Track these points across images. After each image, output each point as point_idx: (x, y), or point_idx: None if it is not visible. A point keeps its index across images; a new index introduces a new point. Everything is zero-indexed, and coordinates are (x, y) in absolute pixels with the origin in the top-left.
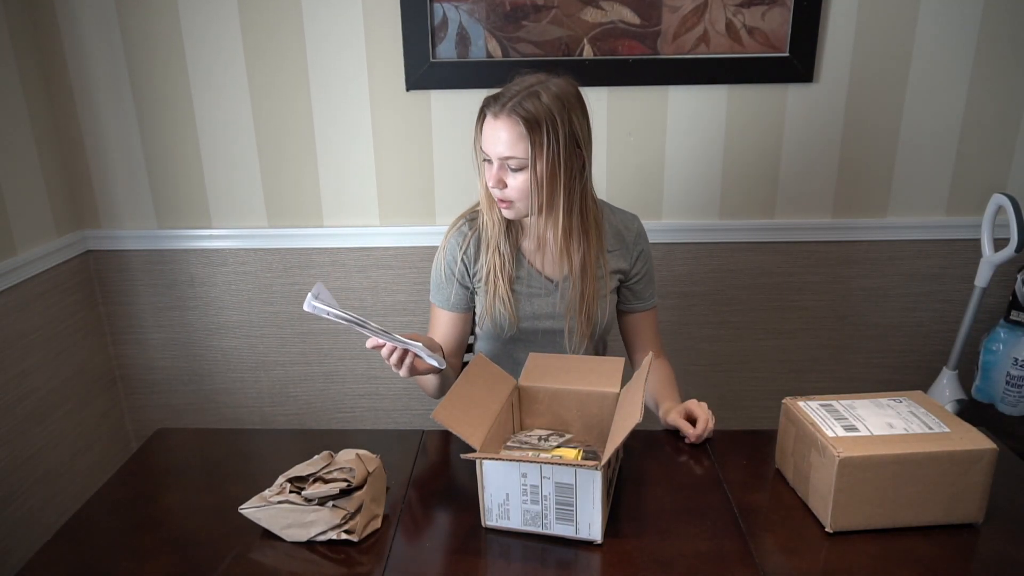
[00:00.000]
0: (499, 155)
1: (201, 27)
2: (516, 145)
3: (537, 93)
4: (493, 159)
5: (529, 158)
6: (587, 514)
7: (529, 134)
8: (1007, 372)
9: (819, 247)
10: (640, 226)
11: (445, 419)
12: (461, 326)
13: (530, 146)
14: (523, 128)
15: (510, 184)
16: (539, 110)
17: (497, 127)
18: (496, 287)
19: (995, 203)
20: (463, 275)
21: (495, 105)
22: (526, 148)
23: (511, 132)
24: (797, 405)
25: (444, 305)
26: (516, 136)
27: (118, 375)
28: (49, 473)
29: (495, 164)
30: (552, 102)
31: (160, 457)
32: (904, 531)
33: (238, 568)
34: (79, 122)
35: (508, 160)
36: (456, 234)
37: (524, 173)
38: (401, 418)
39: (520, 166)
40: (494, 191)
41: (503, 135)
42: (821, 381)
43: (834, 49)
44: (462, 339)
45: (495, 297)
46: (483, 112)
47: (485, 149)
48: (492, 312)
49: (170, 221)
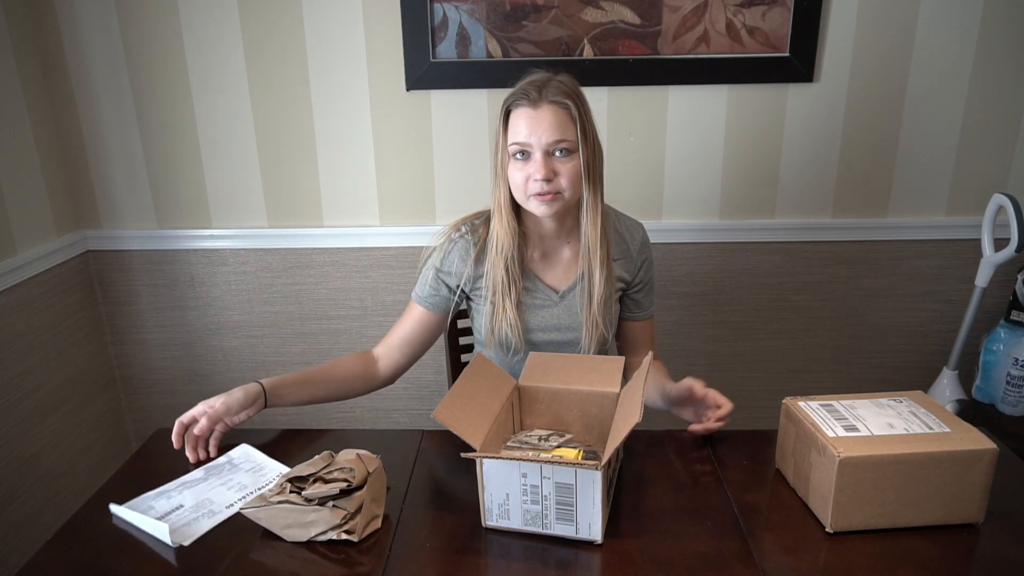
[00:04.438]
0: (547, 143)
1: (201, 27)
2: (567, 127)
3: (562, 82)
4: (536, 151)
5: (579, 140)
6: (587, 514)
7: (578, 115)
8: (1007, 372)
9: (819, 247)
10: (644, 235)
11: (445, 419)
12: (430, 327)
13: (578, 128)
14: (573, 110)
15: (561, 171)
16: (575, 93)
17: (540, 116)
18: (505, 310)
19: (995, 203)
20: (457, 286)
21: (531, 94)
22: (575, 130)
23: (558, 116)
24: (797, 405)
25: (423, 304)
26: (566, 119)
27: (118, 375)
28: (49, 473)
29: (538, 156)
30: (575, 88)
31: (160, 457)
32: (904, 531)
33: (238, 568)
34: (79, 122)
35: (558, 145)
36: (461, 242)
37: (573, 159)
38: (401, 418)
39: (571, 148)
40: (539, 185)
41: (550, 119)
42: (821, 381)
43: (834, 49)
44: (425, 338)
45: (502, 319)
46: (512, 108)
47: (527, 140)
48: (497, 332)
49: (170, 221)
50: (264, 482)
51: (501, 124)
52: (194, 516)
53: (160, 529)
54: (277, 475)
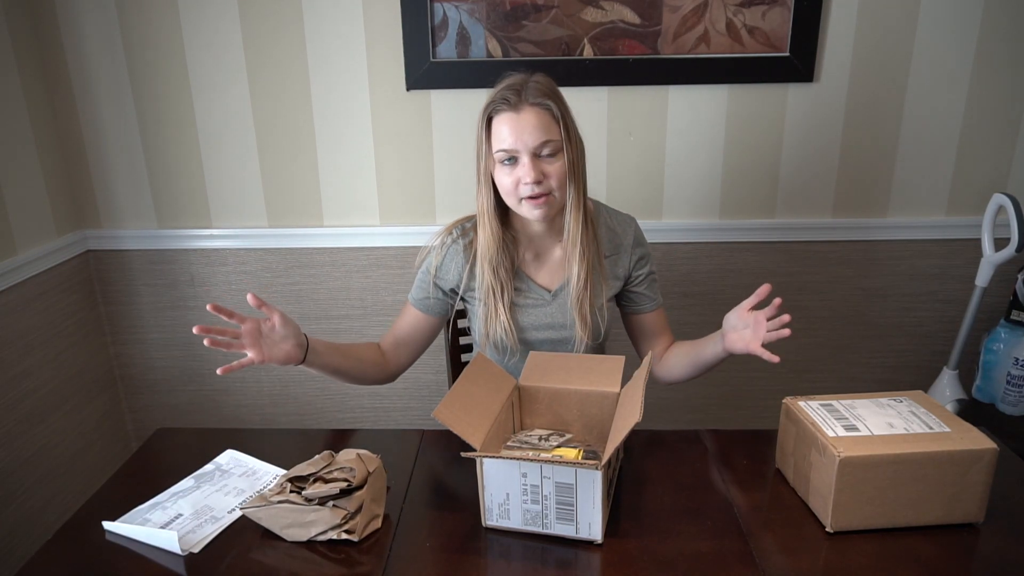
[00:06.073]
0: (532, 145)
1: (201, 27)
2: (551, 128)
3: (539, 83)
4: (523, 154)
5: (563, 140)
6: (587, 514)
7: (561, 115)
8: (1007, 372)
9: (819, 247)
10: (637, 229)
11: (445, 418)
12: (427, 328)
13: (562, 128)
14: (555, 110)
15: (549, 172)
16: (553, 92)
17: (522, 119)
18: (497, 313)
19: (995, 203)
20: (452, 290)
21: (511, 99)
22: (559, 130)
23: (541, 118)
24: (797, 405)
25: (419, 307)
26: (549, 120)
27: (118, 375)
28: (49, 473)
29: (526, 159)
30: (553, 87)
31: (160, 457)
32: (904, 531)
33: (238, 568)
34: (79, 122)
35: (544, 146)
36: (454, 247)
37: (559, 159)
38: (401, 418)
39: (556, 150)
40: (529, 188)
41: (533, 121)
42: (821, 381)
43: (834, 49)
44: (423, 339)
45: (495, 323)
46: (493, 114)
47: (512, 146)
48: (492, 335)
49: (170, 221)
50: (261, 485)
51: (483, 131)
52: (197, 523)
53: (168, 538)
54: (272, 477)
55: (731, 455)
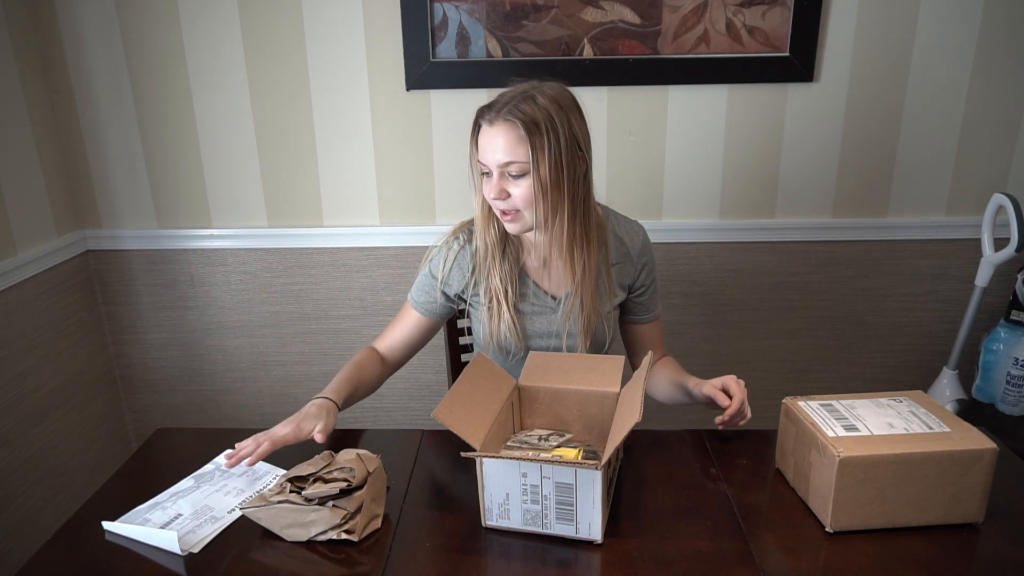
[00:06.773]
0: (499, 163)
1: (201, 27)
2: (516, 149)
3: (532, 96)
4: (492, 169)
5: (531, 162)
6: (587, 514)
7: (528, 136)
8: (1007, 372)
9: (819, 247)
10: (645, 237)
11: (445, 418)
12: (426, 329)
13: (530, 149)
14: (521, 131)
15: (513, 193)
16: (536, 112)
17: (493, 134)
18: (501, 313)
19: (995, 203)
20: (455, 293)
21: (489, 113)
22: (526, 151)
23: (509, 136)
24: (797, 405)
25: (419, 309)
26: (515, 140)
27: (118, 375)
28: (49, 473)
29: (495, 175)
30: (549, 104)
31: (160, 457)
32: (904, 531)
33: (238, 568)
34: (79, 122)
35: (508, 167)
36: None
37: (527, 180)
38: (401, 418)
39: (521, 171)
40: (496, 204)
41: (500, 141)
42: (821, 381)
43: (834, 49)
44: (422, 339)
45: (500, 322)
46: (477, 123)
47: (483, 160)
48: (497, 336)
49: (170, 221)
50: (260, 485)
51: (472, 138)
52: (197, 523)
53: (167, 538)
54: (273, 477)
55: (731, 455)
